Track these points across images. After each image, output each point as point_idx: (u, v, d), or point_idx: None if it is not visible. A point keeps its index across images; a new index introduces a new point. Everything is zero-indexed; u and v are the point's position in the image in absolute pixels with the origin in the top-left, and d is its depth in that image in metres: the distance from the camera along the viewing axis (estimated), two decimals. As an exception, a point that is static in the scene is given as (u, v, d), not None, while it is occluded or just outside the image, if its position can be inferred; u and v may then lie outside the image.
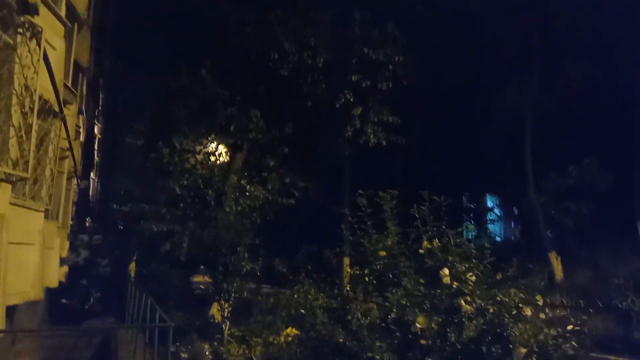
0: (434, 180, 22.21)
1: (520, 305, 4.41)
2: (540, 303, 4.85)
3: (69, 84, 10.93)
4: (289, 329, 7.20)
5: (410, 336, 4.60)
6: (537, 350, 4.16)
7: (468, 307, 4.32)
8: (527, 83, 18.71)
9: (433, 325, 4.55)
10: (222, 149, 17.51)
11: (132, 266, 17.42)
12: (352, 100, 14.99)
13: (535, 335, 4.32)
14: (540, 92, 18.74)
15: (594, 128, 18.85)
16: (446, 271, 4.45)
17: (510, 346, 4.14)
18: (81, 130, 14.62)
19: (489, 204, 31.04)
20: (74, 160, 12.83)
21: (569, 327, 4.25)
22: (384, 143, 15.23)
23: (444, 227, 5.12)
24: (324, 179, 18.88)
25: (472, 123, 21.39)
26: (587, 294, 14.26)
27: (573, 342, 4.04)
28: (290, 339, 6.66)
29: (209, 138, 17.00)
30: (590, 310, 10.57)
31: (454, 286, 4.35)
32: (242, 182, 16.38)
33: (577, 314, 12.29)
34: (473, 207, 29.48)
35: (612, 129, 18.74)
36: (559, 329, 4.41)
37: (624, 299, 13.21)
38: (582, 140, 18.94)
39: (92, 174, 25.30)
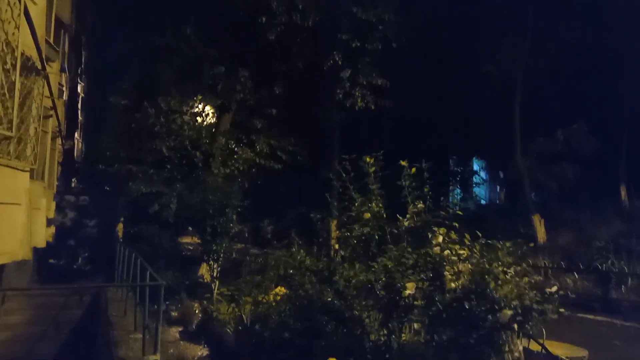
0: (422, 143, 22.31)
1: (504, 270, 4.48)
2: (522, 267, 4.92)
3: (51, 41, 10.58)
4: (278, 288, 7.31)
5: (396, 297, 4.68)
6: (520, 312, 4.26)
7: (453, 284, 4.40)
8: (518, 45, 18.55)
9: (419, 286, 4.62)
10: (209, 110, 17.29)
11: (120, 227, 17.40)
12: (340, 61, 14.78)
13: (518, 296, 4.42)
14: (531, 54, 18.62)
15: (583, 92, 18.87)
16: (439, 238, 4.50)
17: (496, 306, 4.24)
18: (64, 89, 14.26)
19: (475, 167, 31.34)
20: (57, 119, 12.55)
21: (553, 289, 4.35)
22: (372, 107, 15.10)
23: (426, 189, 5.12)
24: (312, 142, 18.78)
25: (462, 86, 21.26)
26: (568, 256, 14.64)
27: (555, 304, 4.15)
28: (279, 297, 6.76)
29: (196, 98, 16.75)
30: (572, 271, 10.90)
31: (444, 255, 4.41)
32: (230, 144, 16.29)
33: (559, 276, 12.67)
34: (459, 170, 29.77)
35: (601, 93, 18.79)
36: (542, 292, 4.50)
37: (604, 260, 13.58)
38: (571, 104, 18.98)
39: (76, 134, 24.89)
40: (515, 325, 4.47)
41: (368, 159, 5.43)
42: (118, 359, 4.88)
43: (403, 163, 5.14)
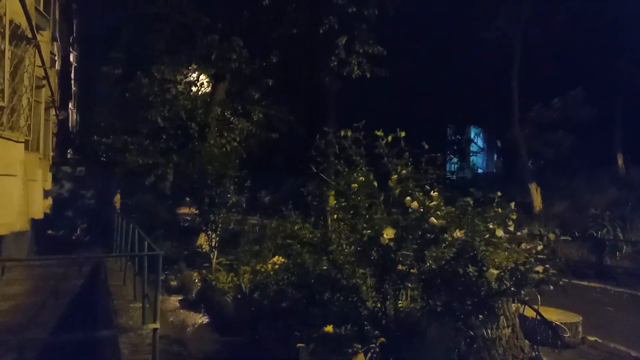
0: (419, 112, 22.22)
1: (497, 234, 4.49)
2: (515, 234, 4.93)
3: (41, 9, 10.32)
4: (276, 257, 7.37)
5: (386, 264, 4.70)
6: (510, 274, 4.29)
7: (437, 221, 4.42)
8: (517, 12, 18.25)
9: (409, 252, 4.65)
10: (203, 79, 17.07)
11: (117, 198, 17.41)
12: (336, 26, 14.47)
13: (508, 259, 4.45)
14: (529, 21, 18.35)
15: (581, 59, 18.69)
16: (415, 204, 4.51)
17: (484, 268, 4.27)
18: (56, 58, 14.01)
19: (473, 136, 31.32)
20: (50, 89, 12.37)
21: (539, 248, 4.38)
22: (368, 75, 14.89)
23: (406, 155, 5.10)
24: (308, 112, 18.65)
25: (459, 54, 21.03)
26: (564, 224, 14.76)
27: (547, 266, 4.17)
28: (277, 266, 6.82)
29: (190, 68, 16.51)
30: (568, 238, 10.99)
31: (429, 204, 4.42)
32: (226, 114, 16.15)
33: (554, 244, 12.80)
34: (456, 139, 29.76)
35: (599, 61, 18.61)
36: (533, 256, 4.53)
37: (599, 228, 13.71)
38: (568, 71, 18.83)
39: (70, 105, 24.61)
40: (509, 289, 4.51)
41: (343, 132, 5.40)
42: (118, 328, 4.93)
43: (378, 133, 5.14)
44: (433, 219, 4.46)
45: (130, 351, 4.14)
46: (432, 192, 4.84)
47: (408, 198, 4.68)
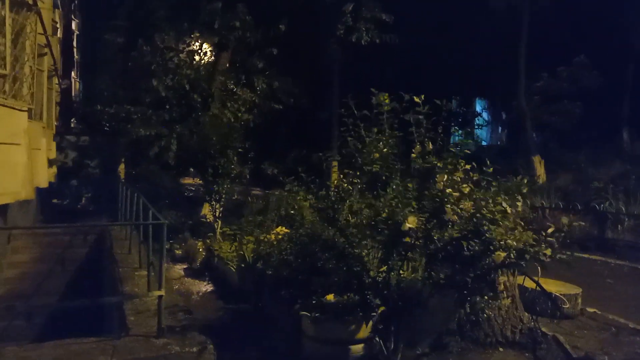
0: (424, 84, 21.96)
1: (506, 210, 4.47)
2: (520, 209, 4.88)
3: (41, -26, 10.17)
4: (280, 227, 7.42)
5: (397, 234, 4.70)
6: (515, 253, 4.30)
7: (454, 217, 4.39)
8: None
9: (420, 225, 4.63)
10: (206, 47, 16.85)
11: (121, 167, 17.45)
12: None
13: (514, 238, 4.45)
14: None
15: (590, 30, 18.33)
16: (444, 177, 4.47)
17: (491, 247, 4.28)
18: (58, 25, 13.88)
19: (478, 108, 31.03)
20: (53, 57, 12.30)
21: (549, 231, 4.38)
22: (377, 41, 14.64)
23: (439, 131, 5.02)
24: (313, 82, 18.46)
25: (466, 23, 20.65)
26: (567, 196, 14.75)
27: (554, 245, 4.19)
28: (280, 236, 6.87)
29: (193, 36, 16.28)
30: (570, 211, 11.01)
31: (447, 192, 4.39)
32: (229, 84, 15.98)
33: (556, 216, 12.81)
34: (461, 111, 29.49)
35: (608, 31, 18.25)
36: (539, 234, 4.53)
37: (602, 201, 13.70)
38: (577, 43, 18.49)
39: (72, 73, 24.43)
40: (512, 264, 4.54)
41: (381, 97, 5.26)
42: (124, 295, 5.02)
43: (417, 99, 4.99)
44: (450, 214, 4.40)
45: (135, 317, 4.22)
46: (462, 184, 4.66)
47: (449, 208, 4.54)
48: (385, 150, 4.99)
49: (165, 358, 3.52)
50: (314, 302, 5.19)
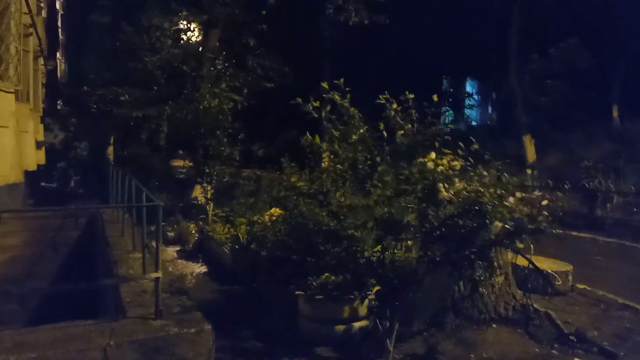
0: (415, 64, 21.85)
1: (500, 191, 4.49)
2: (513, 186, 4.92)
3: (23, -49, 9.87)
4: (273, 209, 7.41)
5: (392, 224, 4.71)
6: (511, 225, 4.33)
7: (448, 194, 4.41)
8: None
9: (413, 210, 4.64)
10: (194, 27, 16.56)
11: (110, 149, 17.26)
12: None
13: (510, 212, 4.48)
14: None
15: (582, 10, 18.26)
16: (432, 155, 4.47)
17: (487, 221, 4.30)
18: (42, 5, 13.54)
19: (468, 88, 31.02)
20: (38, 37, 12.02)
21: (543, 203, 4.41)
22: (366, 22, 14.50)
23: (414, 118, 5.02)
24: (304, 61, 18.27)
25: (458, 3, 20.48)
26: (557, 176, 14.88)
27: (548, 219, 4.22)
28: (274, 218, 6.86)
29: (180, 14, 15.98)
30: (559, 190, 11.10)
31: (438, 170, 4.39)
32: (218, 63, 15.73)
33: (546, 194, 12.93)
34: (452, 91, 29.46)
35: (599, 11, 18.20)
36: (533, 208, 4.56)
37: (591, 180, 13.84)
38: (568, 23, 18.43)
39: (58, 54, 23.94)
40: (506, 241, 4.57)
41: (339, 99, 5.20)
42: (120, 277, 4.99)
43: (382, 101, 4.99)
44: (443, 192, 4.42)
45: (132, 299, 4.21)
46: (452, 161, 4.67)
47: (442, 192, 4.55)
48: (361, 131, 4.97)
49: (163, 339, 3.51)
50: (309, 282, 5.20)
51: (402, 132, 4.84)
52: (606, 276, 7.98)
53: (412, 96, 4.93)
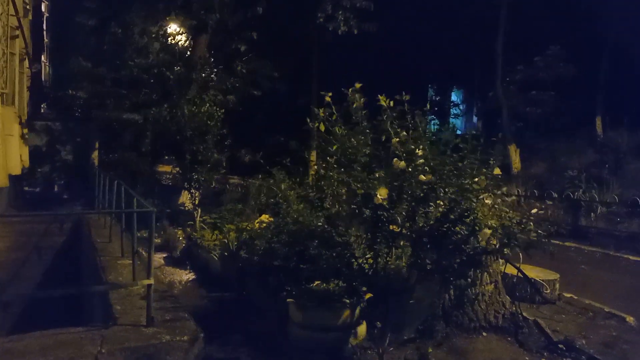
0: (401, 72, 22.05)
1: (484, 193, 4.53)
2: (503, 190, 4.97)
3: (11, -48, 9.75)
4: (264, 215, 7.38)
5: (373, 212, 4.69)
6: (500, 232, 4.37)
7: (438, 208, 4.43)
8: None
9: (402, 212, 4.64)
10: (180, 31, 16.47)
11: (95, 154, 17.05)
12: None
13: (499, 218, 4.52)
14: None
15: (567, 21, 18.62)
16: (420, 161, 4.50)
17: (476, 227, 4.33)
18: (29, 7, 13.37)
19: (454, 97, 31.34)
20: (24, 39, 11.87)
21: (533, 211, 4.46)
22: (355, 32, 14.59)
23: (409, 121, 5.03)
24: (293, 67, 18.30)
25: (444, 12, 20.75)
26: (542, 185, 15.07)
27: (539, 232, 4.27)
28: (264, 225, 6.83)
29: (168, 18, 15.90)
30: (545, 200, 11.24)
31: (425, 179, 4.41)
32: (206, 68, 15.65)
33: (531, 203, 13.09)
34: (437, 100, 29.74)
35: (584, 22, 18.56)
36: (523, 215, 4.62)
37: (575, 189, 14.03)
38: (554, 34, 18.76)
39: (42, 57, 23.65)
40: (497, 248, 4.60)
41: (351, 90, 5.21)
42: (112, 284, 4.92)
43: (381, 98, 5.00)
44: (422, 176, 4.46)
45: (122, 307, 4.14)
46: (417, 150, 4.74)
47: (395, 159, 4.65)
48: (359, 139, 4.98)
49: (156, 347, 3.46)
50: (301, 289, 5.18)
51: (397, 139, 4.84)
52: (591, 285, 8.08)
53: (407, 97, 4.93)
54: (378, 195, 4.43)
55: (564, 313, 6.33)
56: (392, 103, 4.96)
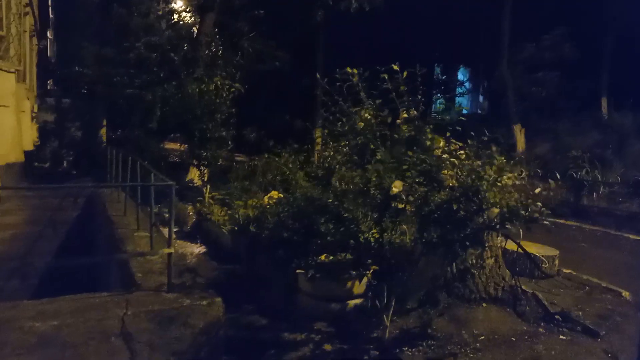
0: (407, 51, 21.94)
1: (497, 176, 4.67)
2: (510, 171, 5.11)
3: None
4: (273, 192, 7.59)
5: (388, 198, 4.87)
6: (507, 211, 4.53)
7: (453, 182, 4.57)
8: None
9: (412, 193, 4.78)
10: (185, 8, 16.47)
11: (103, 131, 17.20)
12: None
13: (505, 198, 4.67)
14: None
15: (572, 1, 18.47)
16: (441, 143, 4.64)
17: (484, 207, 4.49)
18: (37, -17, 13.42)
19: (460, 76, 31.18)
20: (34, 16, 11.96)
21: (537, 191, 4.64)
22: (367, 9, 14.55)
23: (419, 97, 5.12)
24: (298, 46, 18.30)
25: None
26: (546, 165, 15.20)
27: (539, 204, 4.44)
28: (273, 201, 7.05)
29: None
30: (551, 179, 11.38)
31: (444, 157, 4.56)
32: (213, 46, 15.69)
33: (535, 183, 13.22)
34: (443, 79, 29.63)
35: (588, 2, 18.43)
36: (528, 194, 4.77)
37: (579, 169, 14.16)
38: (561, 13, 18.63)
39: (48, 33, 23.64)
40: (498, 226, 4.78)
41: (349, 70, 5.29)
42: (132, 252, 5.17)
43: (395, 67, 5.04)
44: (445, 172, 4.59)
45: (143, 274, 4.39)
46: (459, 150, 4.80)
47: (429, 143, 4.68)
48: (369, 118, 5.09)
49: (177, 310, 3.71)
50: (310, 261, 5.42)
51: (406, 115, 4.95)
52: (591, 262, 8.31)
53: (421, 71, 4.95)
54: (393, 189, 4.61)
55: (562, 287, 6.56)
56: (405, 74, 5.01)
